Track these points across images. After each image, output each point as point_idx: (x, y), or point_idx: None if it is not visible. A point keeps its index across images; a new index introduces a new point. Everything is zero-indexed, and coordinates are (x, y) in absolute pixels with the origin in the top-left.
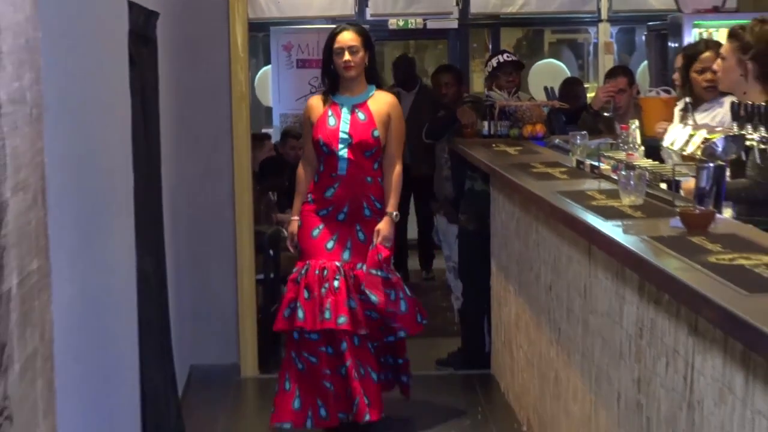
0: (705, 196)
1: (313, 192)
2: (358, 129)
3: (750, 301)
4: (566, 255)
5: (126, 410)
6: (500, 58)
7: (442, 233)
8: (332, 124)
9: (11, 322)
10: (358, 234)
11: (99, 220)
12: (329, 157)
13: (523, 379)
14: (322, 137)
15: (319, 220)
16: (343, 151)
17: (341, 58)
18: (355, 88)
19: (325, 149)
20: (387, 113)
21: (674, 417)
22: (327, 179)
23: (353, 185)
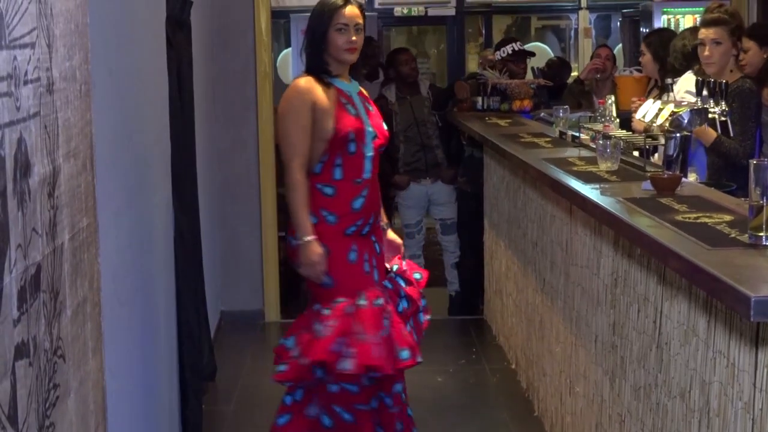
0: (672, 162)
1: (330, 207)
2: (376, 122)
3: (712, 254)
4: (550, 214)
5: (165, 349)
6: (515, 47)
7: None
8: (354, 115)
9: (64, 272)
10: (375, 247)
11: (140, 184)
12: (353, 157)
13: (512, 323)
14: (353, 131)
15: (349, 240)
16: (370, 149)
17: (346, 36)
18: (345, 75)
19: (352, 147)
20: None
21: (645, 356)
22: (351, 187)
23: (376, 191)
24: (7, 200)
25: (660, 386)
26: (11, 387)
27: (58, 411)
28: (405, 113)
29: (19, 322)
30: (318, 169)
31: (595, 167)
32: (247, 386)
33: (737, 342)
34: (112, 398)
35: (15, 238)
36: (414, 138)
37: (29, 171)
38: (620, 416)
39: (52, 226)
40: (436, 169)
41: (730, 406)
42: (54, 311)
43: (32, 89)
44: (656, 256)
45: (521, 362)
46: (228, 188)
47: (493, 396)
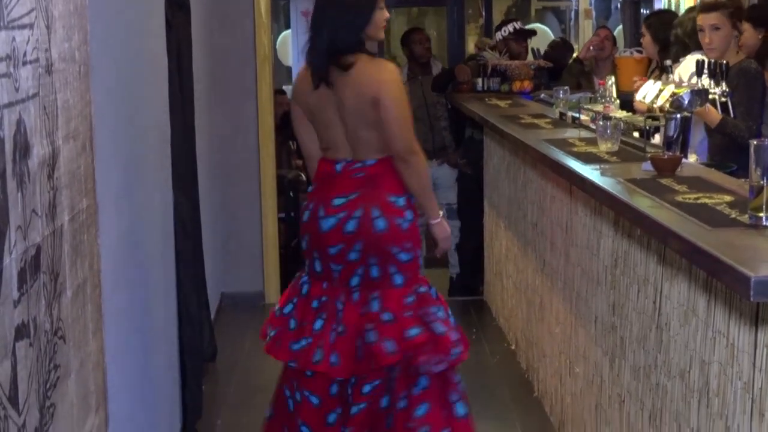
0: (673, 143)
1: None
2: None
3: (712, 235)
4: (550, 195)
5: (165, 331)
6: (516, 25)
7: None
8: None
9: (64, 254)
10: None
11: (140, 165)
12: None
13: (512, 305)
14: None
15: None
16: None
17: (383, 13)
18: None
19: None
20: None
21: (644, 337)
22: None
23: None
24: (6, 181)
25: (660, 366)
26: (12, 368)
27: (58, 392)
28: (415, 93)
29: (19, 303)
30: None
31: (596, 148)
32: (248, 368)
33: (737, 322)
34: (113, 379)
35: (15, 220)
36: (423, 119)
37: (28, 152)
38: (620, 397)
39: (51, 207)
40: (443, 151)
41: (730, 386)
42: (54, 292)
43: (31, 70)
44: (656, 237)
45: (521, 343)
46: (228, 170)
47: (493, 377)
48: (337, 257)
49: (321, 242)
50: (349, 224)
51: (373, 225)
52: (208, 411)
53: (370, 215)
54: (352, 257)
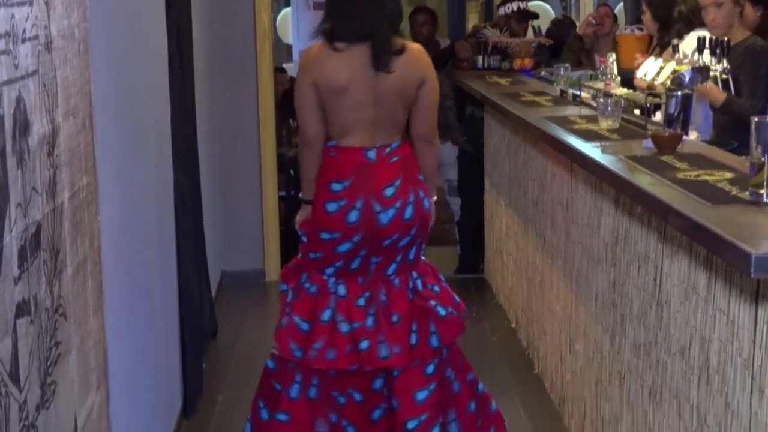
0: (673, 120)
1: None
2: None
3: (712, 212)
4: (551, 172)
5: (166, 308)
6: (520, 5)
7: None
8: None
9: (64, 231)
10: None
11: (140, 143)
12: None
13: (512, 282)
14: None
15: None
16: None
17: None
18: None
19: None
20: None
21: (645, 314)
22: None
23: None
24: (6, 159)
25: (660, 344)
26: (12, 345)
27: (59, 369)
28: None
29: (19, 281)
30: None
31: (596, 125)
32: (248, 345)
33: (737, 299)
34: (113, 357)
35: (15, 197)
36: None
37: (28, 130)
38: (620, 374)
39: (51, 185)
40: (448, 129)
41: (730, 363)
42: (55, 270)
43: (30, 47)
44: (657, 214)
45: (521, 321)
46: (228, 148)
47: (494, 354)
48: (387, 248)
49: (378, 236)
50: (407, 211)
51: (423, 206)
52: (209, 388)
53: (419, 197)
54: (402, 243)
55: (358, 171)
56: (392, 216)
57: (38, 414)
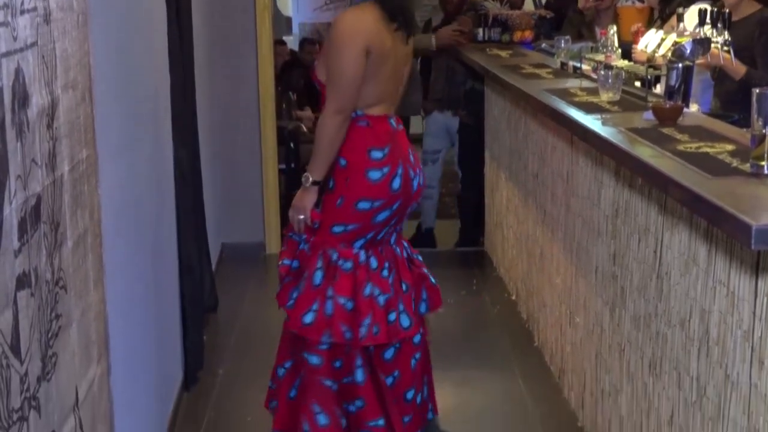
0: (674, 92)
1: None
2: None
3: (713, 183)
4: (551, 145)
5: (166, 281)
6: None
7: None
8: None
9: (64, 204)
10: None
11: (140, 115)
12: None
13: (512, 255)
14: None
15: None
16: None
17: None
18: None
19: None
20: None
21: (645, 286)
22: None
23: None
24: (5, 131)
25: (660, 316)
26: (13, 317)
27: (60, 341)
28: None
29: (20, 253)
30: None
31: (597, 98)
32: (248, 318)
33: (737, 271)
34: (114, 329)
35: (14, 169)
36: (441, 68)
37: (27, 102)
38: (620, 346)
39: (51, 157)
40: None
41: (730, 335)
42: (55, 242)
43: (29, 19)
44: (657, 186)
45: (521, 293)
46: (228, 121)
47: (494, 327)
48: (405, 215)
49: (409, 203)
50: (421, 177)
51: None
52: (210, 361)
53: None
54: (410, 210)
55: (392, 138)
56: (420, 181)
57: (39, 386)
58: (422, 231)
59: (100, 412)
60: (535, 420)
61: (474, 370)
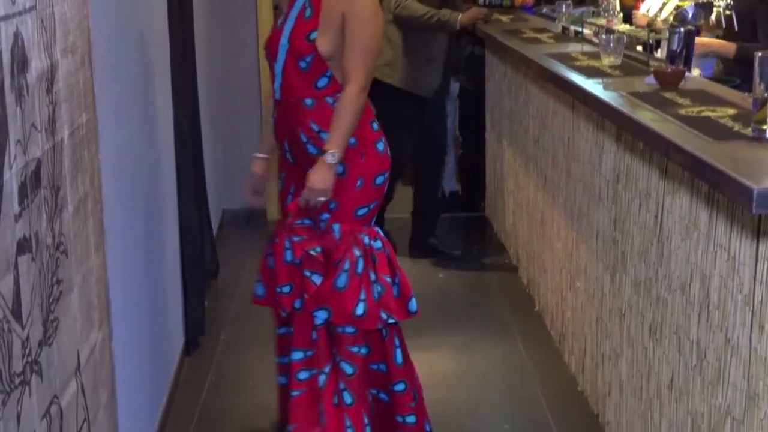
0: (676, 57)
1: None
2: (296, 31)
3: (714, 147)
4: (552, 110)
5: (167, 246)
6: None
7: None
8: (278, 24)
9: (64, 168)
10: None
11: (140, 80)
12: (271, 72)
13: (513, 220)
14: (265, 45)
15: (281, 164)
16: (280, 62)
17: None
18: None
19: (269, 61)
20: (339, 10)
21: (646, 251)
22: (272, 104)
23: (287, 112)
24: (5, 95)
25: (660, 280)
26: (14, 282)
27: (61, 306)
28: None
29: (20, 218)
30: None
31: (598, 62)
32: (249, 284)
33: (738, 235)
34: (115, 294)
35: (14, 134)
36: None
37: (26, 66)
38: (620, 310)
39: (51, 122)
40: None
41: (730, 299)
42: (55, 207)
43: None
44: (658, 150)
45: (522, 259)
46: (229, 86)
47: (494, 292)
48: None
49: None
50: None
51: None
52: (211, 326)
53: None
54: None
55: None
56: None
57: (41, 350)
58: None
59: (102, 377)
60: (535, 384)
61: (474, 335)
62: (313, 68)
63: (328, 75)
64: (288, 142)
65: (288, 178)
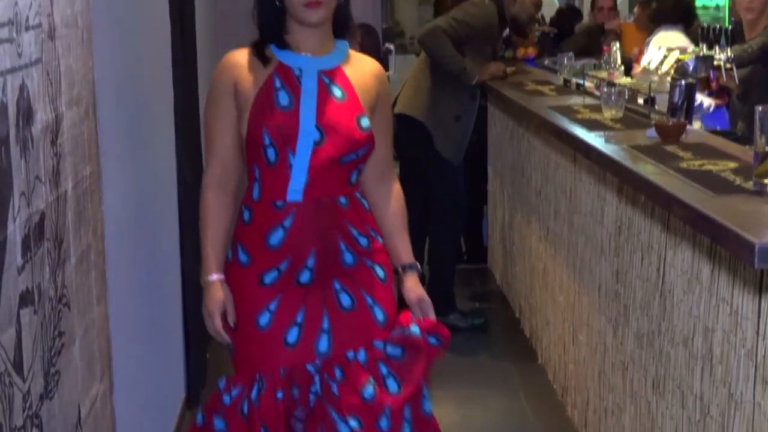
0: (677, 109)
1: (244, 238)
2: (334, 115)
3: (716, 201)
4: (554, 162)
5: (169, 298)
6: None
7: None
8: (286, 105)
9: (68, 220)
10: (339, 298)
11: (143, 132)
12: (274, 169)
13: (516, 272)
14: (267, 129)
15: (268, 292)
16: (304, 156)
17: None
18: (318, 42)
19: (270, 153)
20: (375, 90)
21: (648, 304)
22: (269, 213)
23: (318, 215)
24: (9, 147)
25: (663, 334)
26: (16, 334)
27: (63, 359)
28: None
29: (23, 270)
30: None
31: (600, 115)
32: None
33: (741, 289)
34: (117, 347)
35: (18, 186)
36: None
37: (32, 118)
38: (623, 364)
39: (55, 173)
40: None
41: (733, 354)
42: (58, 259)
43: (34, 35)
44: (660, 203)
45: (525, 310)
46: None
47: (497, 344)
48: None
49: None
50: None
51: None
52: (213, 379)
53: None
54: None
55: None
56: None
57: (42, 404)
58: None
59: (103, 431)
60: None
61: (476, 387)
62: (357, 161)
63: (361, 167)
64: (317, 254)
65: (291, 304)
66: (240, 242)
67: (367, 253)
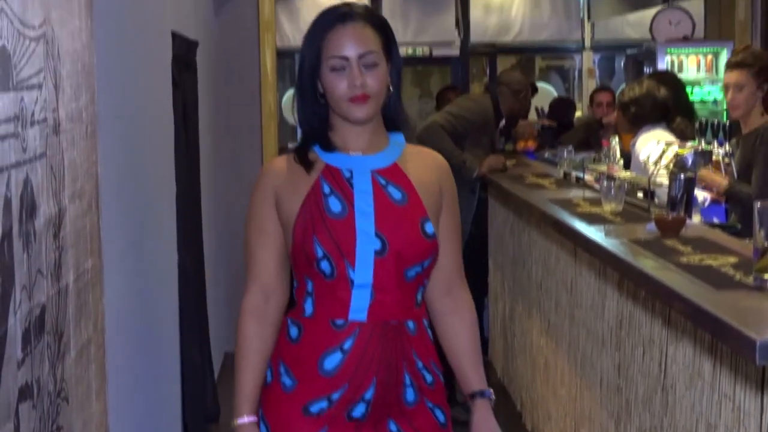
0: (677, 203)
1: (289, 358)
2: (395, 220)
3: (717, 296)
4: (555, 255)
5: (168, 390)
6: None
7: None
8: (338, 212)
9: (68, 314)
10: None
11: (145, 224)
12: (332, 283)
13: (517, 365)
14: (320, 239)
15: (312, 423)
16: (366, 269)
17: (345, 79)
18: (368, 139)
19: (325, 266)
20: (438, 188)
21: (650, 399)
22: (325, 333)
23: (385, 342)
24: (12, 241)
25: (665, 429)
26: (14, 430)
27: None
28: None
29: (23, 364)
30: (298, 295)
31: (600, 208)
32: None
33: (743, 385)
34: None
35: (20, 280)
36: None
37: (35, 212)
38: None
39: (57, 267)
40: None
41: None
42: (58, 353)
43: (39, 130)
44: (661, 299)
45: (526, 404)
46: (233, 226)
47: None
48: None
49: None
50: None
51: None
52: None
53: None
54: None
55: None
56: None
57: None
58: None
59: None
60: None
61: None
62: (422, 275)
63: (425, 283)
64: (377, 385)
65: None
66: (284, 362)
67: (430, 392)
